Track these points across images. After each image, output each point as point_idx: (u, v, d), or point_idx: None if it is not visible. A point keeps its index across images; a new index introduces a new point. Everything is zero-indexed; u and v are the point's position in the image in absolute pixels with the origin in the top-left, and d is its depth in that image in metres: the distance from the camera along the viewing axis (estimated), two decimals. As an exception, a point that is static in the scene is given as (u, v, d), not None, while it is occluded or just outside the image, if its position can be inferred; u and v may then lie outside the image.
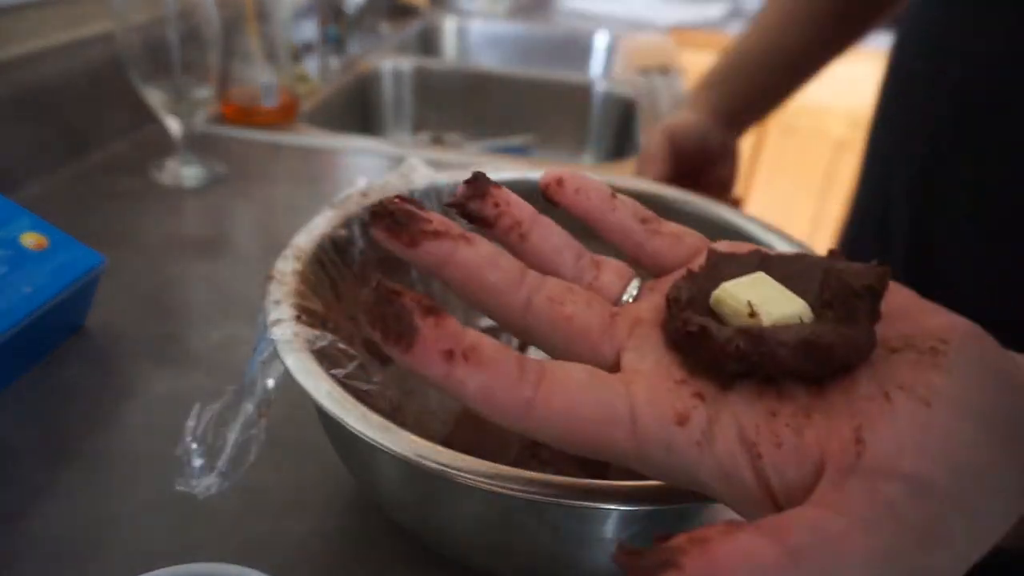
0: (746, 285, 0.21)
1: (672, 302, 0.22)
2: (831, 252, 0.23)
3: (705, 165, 0.61)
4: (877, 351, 0.19)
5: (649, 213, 0.26)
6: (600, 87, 1.14)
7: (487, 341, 0.19)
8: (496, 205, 0.24)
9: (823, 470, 0.18)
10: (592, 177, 0.26)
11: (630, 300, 0.24)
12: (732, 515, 0.19)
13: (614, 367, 0.22)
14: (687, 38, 1.76)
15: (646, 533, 0.26)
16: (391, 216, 0.21)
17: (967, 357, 0.19)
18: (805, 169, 1.99)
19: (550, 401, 0.19)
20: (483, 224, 0.24)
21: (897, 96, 0.55)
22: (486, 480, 0.23)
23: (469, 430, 0.38)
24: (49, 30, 0.69)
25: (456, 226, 0.22)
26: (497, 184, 0.25)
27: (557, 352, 0.22)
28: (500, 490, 0.23)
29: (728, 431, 0.19)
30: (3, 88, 0.61)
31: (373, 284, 0.18)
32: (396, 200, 0.22)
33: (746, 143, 1.04)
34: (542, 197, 0.26)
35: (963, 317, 0.20)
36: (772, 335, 0.19)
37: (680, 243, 0.25)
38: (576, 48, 1.46)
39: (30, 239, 0.44)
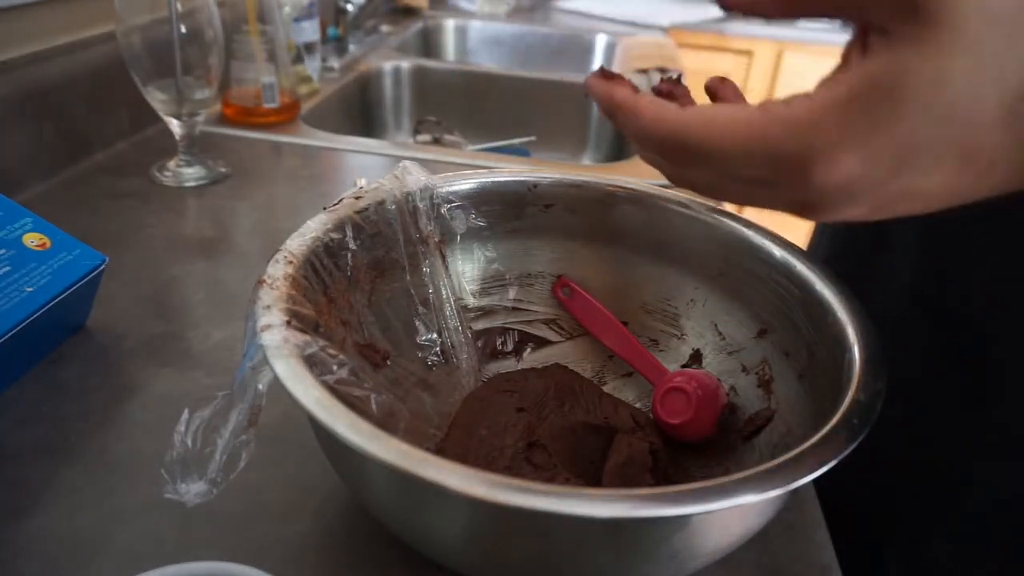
0: None
1: None
2: None
3: None
4: None
5: None
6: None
7: None
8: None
9: None
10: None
11: None
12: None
13: None
14: (687, 38, 1.76)
15: (635, 540, 0.26)
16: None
17: None
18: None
19: None
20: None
21: None
22: (475, 489, 0.23)
23: (463, 435, 0.38)
24: (51, 31, 0.69)
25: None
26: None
27: None
28: (489, 499, 0.23)
29: None
30: (5, 88, 0.62)
31: None
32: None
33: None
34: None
35: None
36: None
37: None
38: (576, 48, 1.46)
39: (32, 239, 0.45)
